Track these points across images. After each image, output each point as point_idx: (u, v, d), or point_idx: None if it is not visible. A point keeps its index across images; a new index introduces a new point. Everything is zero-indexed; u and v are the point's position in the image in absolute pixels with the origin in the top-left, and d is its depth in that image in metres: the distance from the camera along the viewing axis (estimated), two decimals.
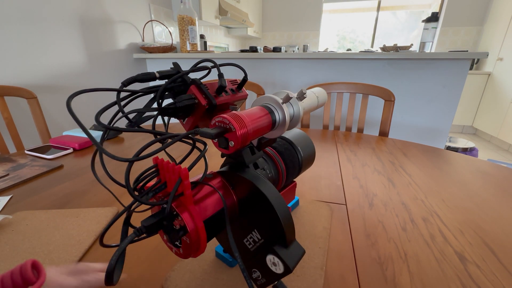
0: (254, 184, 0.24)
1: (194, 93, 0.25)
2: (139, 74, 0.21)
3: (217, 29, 3.19)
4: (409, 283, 0.32)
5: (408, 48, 1.55)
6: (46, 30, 1.30)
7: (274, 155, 0.35)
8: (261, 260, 0.24)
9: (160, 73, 0.22)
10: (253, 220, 0.25)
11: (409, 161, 0.71)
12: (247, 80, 0.29)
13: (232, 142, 0.22)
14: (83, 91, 0.17)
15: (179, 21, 1.80)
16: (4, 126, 1.00)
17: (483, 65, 3.31)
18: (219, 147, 0.23)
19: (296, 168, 0.38)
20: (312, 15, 3.95)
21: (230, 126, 0.21)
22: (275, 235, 0.23)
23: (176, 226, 0.21)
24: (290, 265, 0.22)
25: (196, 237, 0.21)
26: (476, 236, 0.41)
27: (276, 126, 0.27)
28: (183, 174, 0.20)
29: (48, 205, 0.48)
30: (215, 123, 0.22)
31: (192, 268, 0.33)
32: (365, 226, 0.43)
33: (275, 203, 0.23)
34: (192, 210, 0.21)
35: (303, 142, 0.40)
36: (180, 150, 0.77)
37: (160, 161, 0.21)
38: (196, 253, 0.22)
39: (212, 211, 0.23)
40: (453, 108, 1.40)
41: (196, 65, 0.27)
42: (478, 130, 3.33)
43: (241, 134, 0.21)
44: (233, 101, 0.29)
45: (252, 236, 0.25)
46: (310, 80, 1.62)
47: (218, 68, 0.26)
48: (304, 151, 0.39)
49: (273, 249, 0.22)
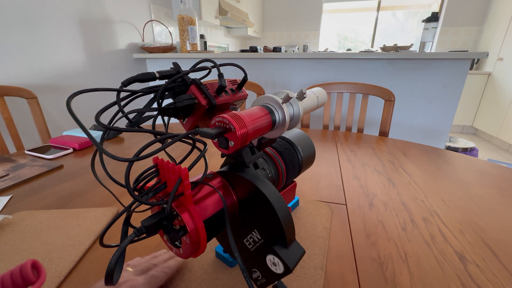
0: (254, 184, 0.24)
1: (194, 93, 0.25)
2: (139, 74, 0.21)
3: (217, 29, 3.19)
4: (409, 283, 0.32)
5: (408, 48, 1.55)
6: (46, 30, 1.30)
7: (274, 155, 0.35)
8: (261, 260, 0.24)
9: (160, 73, 0.22)
10: (253, 220, 0.25)
11: (409, 161, 0.71)
12: (247, 80, 0.29)
13: (232, 142, 0.22)
14: (83, 91, 0.17)
15: (179, 21, 1.80)
16: (4, 126, 1.00)
17: (483, 65, 3.31)
18: (219, 147, 0.23)
19: (296, 168, 0.38)
20: (312, 15, 3.95)
21: (230, 126, 0.21)
22: (275, 235, 0.23)
23: (176, 226, 0.21)
24: (290, 265, 0.22)
25: (196, 237, 0.21)
26: (476, 236, 0.41)
27: (276, 126, 0.27)
28: (183, 174, 0.20)
29: (48, 205, 0.48)
30: (215, 123, 0.22)
31: (192, 268, 0.33)
32: (365, 226, 0.43)
33: (275, 203, 0.23)
34: (192, 210, 0.21)
35: (303, 142, 0.40)
36: (180, 150, 0.77)
37: (160, 161, 0.21)
38: (196, 253, 0.22)
39: (212, 211, 0.23)
40: (453, 108, 1.40)
41: (196, 65, 0.27)
42: (478, 130, 3.33)
43: (241, 134, 0.21)
44: (233, 101, 0.29)
45: (252, 236, 0.25)
46: (310, 80, 1.62)
47: (218, 68, 0.26)
48: (304, 151, 0.39)
49: (273, 249, 0.22)
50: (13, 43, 1.18)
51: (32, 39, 1.25)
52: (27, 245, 0.37)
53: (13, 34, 1.17)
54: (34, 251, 0.35)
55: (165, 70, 0.24)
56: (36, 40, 1.26)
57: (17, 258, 0.34)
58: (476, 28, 3.32)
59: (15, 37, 1.18)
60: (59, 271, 0.32)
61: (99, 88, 0.18)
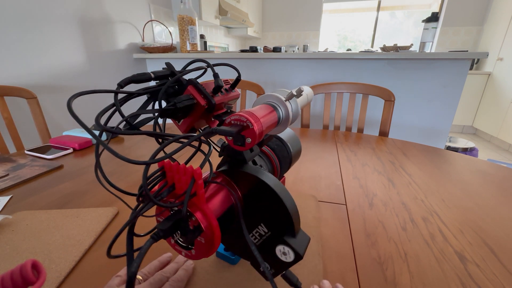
0: (259, 178, 0.24)
1: (192, 93, 0.25)
2: (135, 75, 0.21)
3: (217, 29, 3.19)
4: (409, 283, 0.32)
5: (408, 48, 1.55)
6: (46, 30, 1.30)
7: (268, 151, 0.36)
8: (269, 252, 0.25)
9: (154, 74, 0.22)
10: (259, 214, 0.25)
11: (409, 161, 0.71)
12: (240, 80, 0.29)
13: (250, 139, 0.23)
14: (81, 93, 0.17)
15: (179, 21, 1.80)
16: (4, 126, 1.00)
17: (483, 65, 3.31)
18: (234, 145, 0.23)
19: (287, 163, 0.39)
20: (312, 15, 3.95)
21: (248, 123, 0.22)
22: (284, 226, 0.24)
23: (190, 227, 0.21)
24: (301, 252, 0.23)
25: (211, 235, 0.21)
26: (476, 236, 0.41)
27: (280, 123, 0.28)
28: (197, 174, 0.20)
29: (48, 205, 0.48)
30: (230, 121, 0.23)
31: (194, 270, 0.33)
32: (365, 226, 0.43)
33: (282, 194, 0.24)
34: (205, 209, 0.21)
35: (291, 138, 0.41)
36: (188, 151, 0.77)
37: (166, 163, 0.21)
38: (210, 253, 0.22)
39: (223, 209, 0.24)
40: (453, 108, 1.40)
41: (187, 65, 0.27)
42: (478, 130, 3.33)
43: (258, 130, 0.22)
44: (227, 101, 0.29)
45: (258, 231, 0.25)
46: (310, 80, 1.62)
47: (213, 69, 0.26)
48: (293, 146, 0.40)
49: (284, 239, 0.23)
50: (13, 43, 1.18)
51: (32, 39, 1.25)
52: (27, 245, 0.37)
53: (13, 34, 1.17)
54: (34, 251, 0.35)
55: (159, 70, 0.23)
56: (36, 40, 1.27)
57: (17, 258, 0.34)
58: (476, 28, 3.32)
59: (15, 37, 1.18)
60: (59, 271, 0.32)
61: (96, 90, 0.18)
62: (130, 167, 0.64)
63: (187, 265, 0.32)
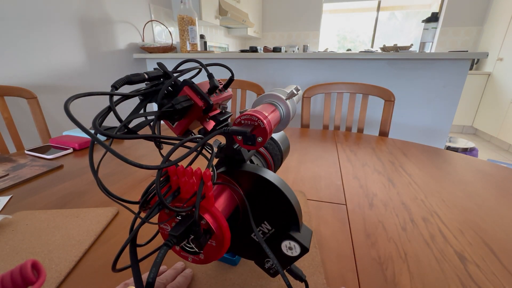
0: (261, 175, 0.24)
1: (189, 94, 0.24)
2: (129, 76, 0.20)
3: (217, 29, 3.19)
4: (409, 283, 0.32)
5: (408, 48, 1.55)
6: (46, 30, 1.30)
7: (262, 150, 0.36)
8: (273, 249, 0.25)
9: (148, 75, 0.22)
10: (262, 212, 0.25)
11: (409, 161, 0.71)
12: (233, 80, 0.29)
13: (261, 138, 0.23)
14: (78, 96, 0.16)
15: (179, 21, 1.80)
16: (4, 126, 1.00)
17: (483, 65, 3.31)
18: (244, 144, 0.23)
19: (279, 161, 0.39)
20: (312, 15, 3.95)
21: (259, 122, 0.22)
22: (288, 221, 0.24)
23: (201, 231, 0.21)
24: (307, 245, 0.23)
25: (222, 237, 0.21)
26: (476, 236, 0.41)
27: (281, 121, 0.28)
28: (206, 176, 0.20)
29: (48, 205, 0.48)
30: (240, 121, 0.23)
31: (195, 275, 0.32)
32: (365, 226, 0.43)
33: (284, 189, 0.24)
34: (215, 211, 0.21)
35: (281, 136, 0.41)
36: (179, 152, 0.77)
37: (171, 168, 0.21)
38: (219, 255, 0.22)
39: (230, 209, 0.24)
40: (453, 108, 1.40)
41: (179, 65, 0.27)
42: (478, 130, 3.33)
43: (269, 129, 0.23)
44: (221, 101, 0.29)
45: (262, 229, 0.26)
46: (310, 80, 1.62)
47: (206, 69, 0.26)
48: (283, 144, 0.40)
49: (290, 234, 0.23)
50: (13, 43, 1.18)
51: (32, 39, 1.25)
52: (27, 245, 0.36)
53: (13, 34, 1.18)
54: (34, 251, 0.35)
55: (152, 71, 0.23)
56: (36, 40, 1.27)
57: (17, 258, 0.34)
58: (476, 28, 3.32)
59: (15, 37, 1.18)
60: (59, 271, 0.32)
61: (93, 92, 0.17)
62: (129, 168, 0.64)
63: (186, 272, 0.31)
